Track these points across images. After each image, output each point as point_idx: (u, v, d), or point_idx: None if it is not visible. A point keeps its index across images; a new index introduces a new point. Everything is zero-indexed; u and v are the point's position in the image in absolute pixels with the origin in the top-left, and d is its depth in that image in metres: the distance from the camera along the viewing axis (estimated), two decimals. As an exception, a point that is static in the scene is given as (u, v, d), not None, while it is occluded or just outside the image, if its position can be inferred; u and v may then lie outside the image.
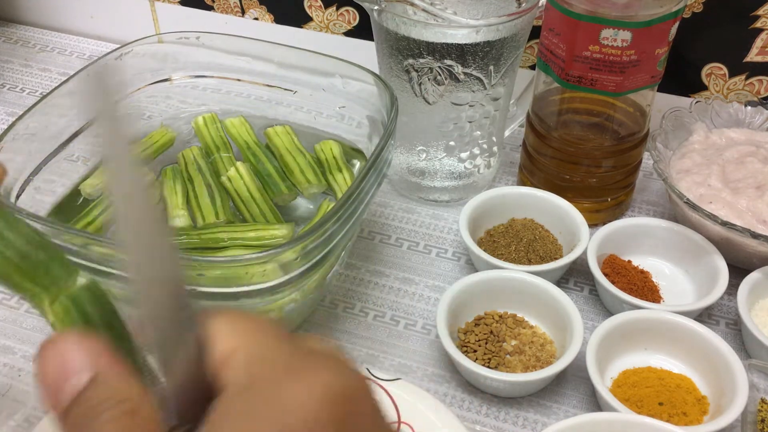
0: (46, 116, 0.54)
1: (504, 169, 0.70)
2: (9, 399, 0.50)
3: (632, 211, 0.66)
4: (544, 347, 0.52)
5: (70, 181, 0.57)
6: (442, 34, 0.56)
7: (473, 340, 0.51)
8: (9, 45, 0.89)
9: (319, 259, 0.45)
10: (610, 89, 0.57)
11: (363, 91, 0.57)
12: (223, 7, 0.83)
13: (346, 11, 0.78)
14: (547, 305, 0.53)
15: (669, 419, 0.47)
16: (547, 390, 0.51)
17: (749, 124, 0.66)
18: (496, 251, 0.58)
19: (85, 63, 0.62)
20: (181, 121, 0.64)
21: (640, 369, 0.51)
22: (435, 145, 0.62)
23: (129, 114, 0.20)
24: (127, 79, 0.61)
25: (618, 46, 0.54)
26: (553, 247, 0.59)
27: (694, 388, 0.50)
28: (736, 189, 0.58)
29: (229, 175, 0.58)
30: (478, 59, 0.57)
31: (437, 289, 0.59)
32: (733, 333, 0.56)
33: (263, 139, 0.62)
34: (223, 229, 0.53)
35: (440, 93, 0.58)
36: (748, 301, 0.53)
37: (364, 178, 0.47)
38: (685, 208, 0.57)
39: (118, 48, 0.60)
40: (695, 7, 0.67)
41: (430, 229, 0.64)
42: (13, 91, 0.81)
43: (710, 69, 0.70)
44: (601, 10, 0.54)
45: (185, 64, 0.63)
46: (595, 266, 0.55)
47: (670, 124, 0.64)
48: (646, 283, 0.57)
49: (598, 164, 0.61)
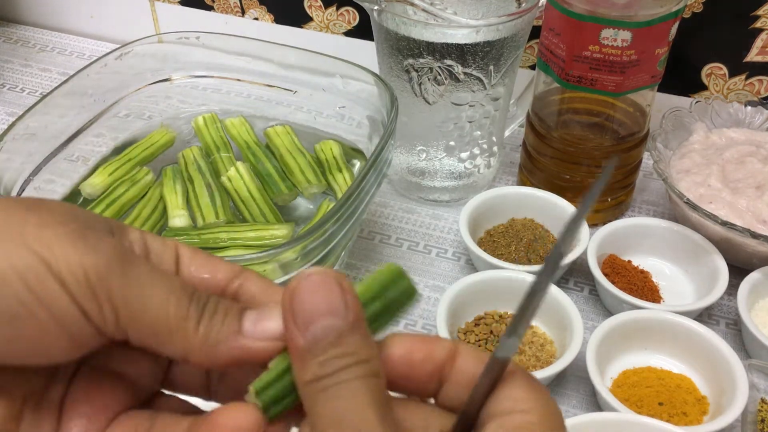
0: (46, 116, 0.54)
1: (504, 169, 0.70)
2: (9, 399, 0.50)
3: (632, 211, 0.66)
4: (544, 347, 0.52)
5: (70, 181, 0.57)
6: (442, 34, 0.56)
7: (473, 340, 0.51)
8: (9, 45, 0.89)
9: (319, 259, 0.45)
10: (610, 89, 0.57)
11: (363, 91, 0.57)
12: (223, 7, 0.83)
13: (346, 11, 0.78)
14: (547, 305, 0.53)
15: (669, 419, 0.47)
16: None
17: (749, 124, 0.66)
18: (496, 251, 0.58)
19: (85, 63, 0.62)
20: (181, 121, 0.64)
21: (640, 369, 0.51)
22: (435, 145, 0.62)
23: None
24: (127, 79, 0.61)
25: (618, 46, 0.54)
26: (553, 247, 0.59)
27: (694, 388, 0.50)
28: (736, 189, 0.58)
29: (229, 175, 0.58)
30: (478, 59, 0.57)
31: (437, 289, 0.59)
32: (733, 333, 0.56)
33: (263, 139, 0.62)
34: (223, 229, 0.53)
35: (440, 93, 0.58)
36: (748, 301, 0.53)
37: (364, 178, 0.47)
38: (685, 208, 0.57)
39: (118, 48, 0.60)
40: (695, 7, 0.67)
41: (430, 229, 0.64)
42: (13, 91, 0.81)
43: (710, 69, 0.70)
44: (601, 10, 0.54)
45: (185, 64, 0.63)
46: (595, 266, 0.55)
47: (670, 124, 0.64)
48: (646, 283, 0.57)
49: (598, 164, 0.61)
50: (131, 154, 0.59)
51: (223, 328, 0.25)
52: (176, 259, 0.27)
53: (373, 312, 0.25)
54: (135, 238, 0.27)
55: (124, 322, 0.24)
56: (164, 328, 0.24)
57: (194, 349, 0.24)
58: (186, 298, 0.25)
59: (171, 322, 0.24)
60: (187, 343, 0.24)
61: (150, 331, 0.24)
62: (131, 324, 0.24)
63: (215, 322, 0.25)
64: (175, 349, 0.25)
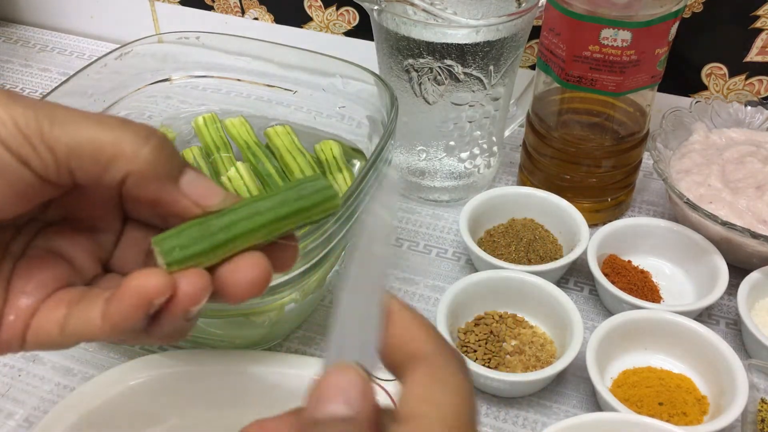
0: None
1: (504, 169, 0.70)
2: (9, 399, 0.50)
3: (632, 211, 0.66)
4: (544, 347, 0.52)
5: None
6: (442, 34, 0.56)
7: (473, 340, 0.51)
8: (9, 45, 0.89)
9: (319, 259, 0.45)
10: (610, 89, 0.57)
11: (363, 91, 0.57)
12: (223, 7, 0.83)
13: (346, 11, 0.78)
14: (547, 305, 0.53)
15: (669, 419, 0.47)
16: (547, 390, 0.51)
17: (749, 124, 0.66)
18: (496, 251, 0.58)
19: (85, 63, 0.62)
20: (181, 121, 0.64)
21: (640, 369, 0.51)
22: (435, 145, 0.62)
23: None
24: (126, 79, 0.61)
25: (618, 46, 0.54)
26: (553, 247, 0.59)
27: (694, 388, 0.50)
28: (736, 189, 0.58)
29: (229, 175, 0.58)
30: (478, 59, 0.57)
31: (437, 289, 0.59)
32: (733, 333, 0.56)
33: (263, 139, 0.62)
34: (223, 229, 0.53)
35: (440, 93, 0.58)
36: (748, 301, 0.53)
37: (364, 178, 0.47)
38: (685, 208, 0.57)
39: (118, 48, 0.60)
40: (695, 7, 0.67)
41: (430, 229, 0.64)
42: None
43: (710, 69, 0.70)
44: (601, 10, 0.54)
45: (185, 64, 0.63)
46: (595, 266, 0.55)
47: (670, 124, 0.64)
48: (646, 283, 0.57)
49: (598, 164, 0.61)
50: (131, 154, 0.59)
51: (166, 163, 0.27)
52: None
53: (290, 210, 0.28)
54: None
55: (63, 160, 0.26)
56: (102, 154, 0.26)
57: (135, 171, 0.27)
58: (120, 127, 0.27)
59: (106, 148, 0.26)
60: (132, 164, 0.27)
61: (90, 160, 0.26)
62: (71, 159, 0.26)
63: (162, 154, 0.27)
64: (118, 173, 0.27)
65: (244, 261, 0.28)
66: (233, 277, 0.28)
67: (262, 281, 0.28)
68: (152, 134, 0.27)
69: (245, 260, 0.28)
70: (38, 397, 0.50)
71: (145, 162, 0.27)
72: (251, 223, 0.28)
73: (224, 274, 0.28)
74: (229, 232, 0.28)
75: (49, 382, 0.51)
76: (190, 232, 0.27)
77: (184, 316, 0.27)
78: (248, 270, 0.28)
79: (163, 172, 0.27)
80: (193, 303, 0.27)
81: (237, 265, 0.28)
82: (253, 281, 0.28)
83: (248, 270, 0.28)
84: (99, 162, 0.26)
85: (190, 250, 0.27)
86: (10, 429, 0.49)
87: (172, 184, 0.28)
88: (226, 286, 0.28)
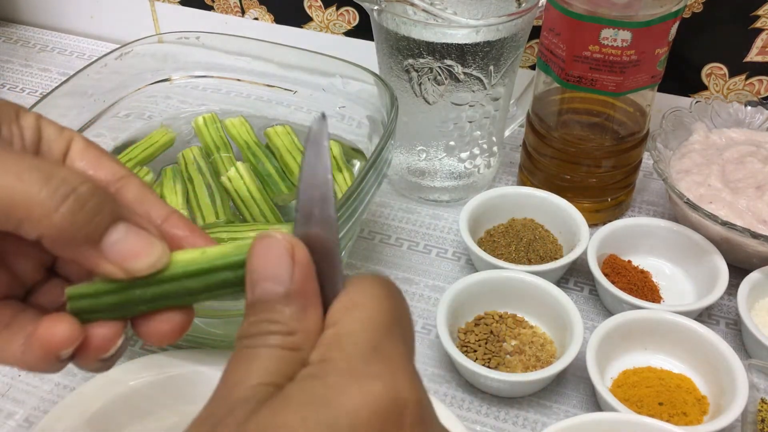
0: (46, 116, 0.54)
1: (504, 169, 0.70)
2: (9, 399, 0.50)
3: (632, 211, 0.66)
4: (544, 347, 0.52)
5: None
6: (442, 34, 0.56)
7: (473, 340, 0.51)
8: (9, 45, 0.89)
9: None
10: (610, 89, 0.57)
11: (363, 91, 0.57)
12: (223, 7, 0.83)
13: (346, 11, 0.78)
14: (547, 305, 0.53)
15: (669, 419, 0.47)
16: (547, 390, 0.51)
17: (749, 124, 0.66)
18: (496, 251, 0.58)
19: (85, 63, 0.62)
20: (181, 121, 0.64)
21: (640, 369, 0.51)
22: (435, 145, 0.62)
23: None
24: (127, 79, 0.61)
25: (618, 46, 0.54)
26: (553, 247, 0.59)
27: (694, 388, 0.50)
28: (736, 189, 0.58)
29: (229, 175, 0.58)
30: (478, 59, 0.57)
31: (437, 289, 0.59)
32: (733, 333, 0.56)
33: (263, 139, 0.62)
34: (223, 229, 0.53)
35: (440, 93, 0.58)
36: (748, 301, 0.53)
37: (364, 178, 0.47)
38: (685, 208, 0.57)
39: (118, 48, 0.60)
40: (695, 7, 0.67)
41: (430, 229, 0.64)
42: (13, 91, 0.81)
43: (710, 69, 0.70)
44: (601, 10, 0.54)
45: (185, 64, 0.63)
46: (595, 266, 0.55)
47: (670, 124, 0.64)
48: (646, 283, 0.57)
49: (598, 164, 0.61)
50: (131, 154, 0.59)
51: (84, 226, 0.25)
52: (66, 151, 0.28)
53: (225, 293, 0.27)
54: (29, 124, 0.28)
55: None
56: (13, 212, 0.25)
57: (47, 235, 0.25)
58: (38, 182, 0.25)
59: (18, 207, 0.25)
60: (43, 227, 0.25)
61: (2, 215, 0.25)
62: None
63: (79, 215, 0.25)
64: (31, 232, 0.25)
65: (160, 314, 0.27)
66: (148, 327, 0.27)
67: (179, 331, 0.28)
68: (73, 191, 0.25)
69: (162, 314, 0.27)
70: (38, 397, 0.50)
71: (57, 226, 0.25)
72: (178, 302, 0.27)
73: (139, 321, 0.27)
74: (152, 305, 0.27)
75: (49, 382, 0.51)
76: (106, 300, 0.26)
77: (96, 360, 0.27)
78: (164, 324, 0.27)
79: (79, 236, 0.25)
80: (104, 351, 0.27)
81: (153, 318, 0.27)
82: (172, 332, 0.27)
83: (164, 324, 0.27)
84: (10, 220, 0.25)
85: (102, 315, 0.27)
86: (10, 429, 0.49)
87: (91, 248, 0.26)
88: (140, 333, 0.27)
